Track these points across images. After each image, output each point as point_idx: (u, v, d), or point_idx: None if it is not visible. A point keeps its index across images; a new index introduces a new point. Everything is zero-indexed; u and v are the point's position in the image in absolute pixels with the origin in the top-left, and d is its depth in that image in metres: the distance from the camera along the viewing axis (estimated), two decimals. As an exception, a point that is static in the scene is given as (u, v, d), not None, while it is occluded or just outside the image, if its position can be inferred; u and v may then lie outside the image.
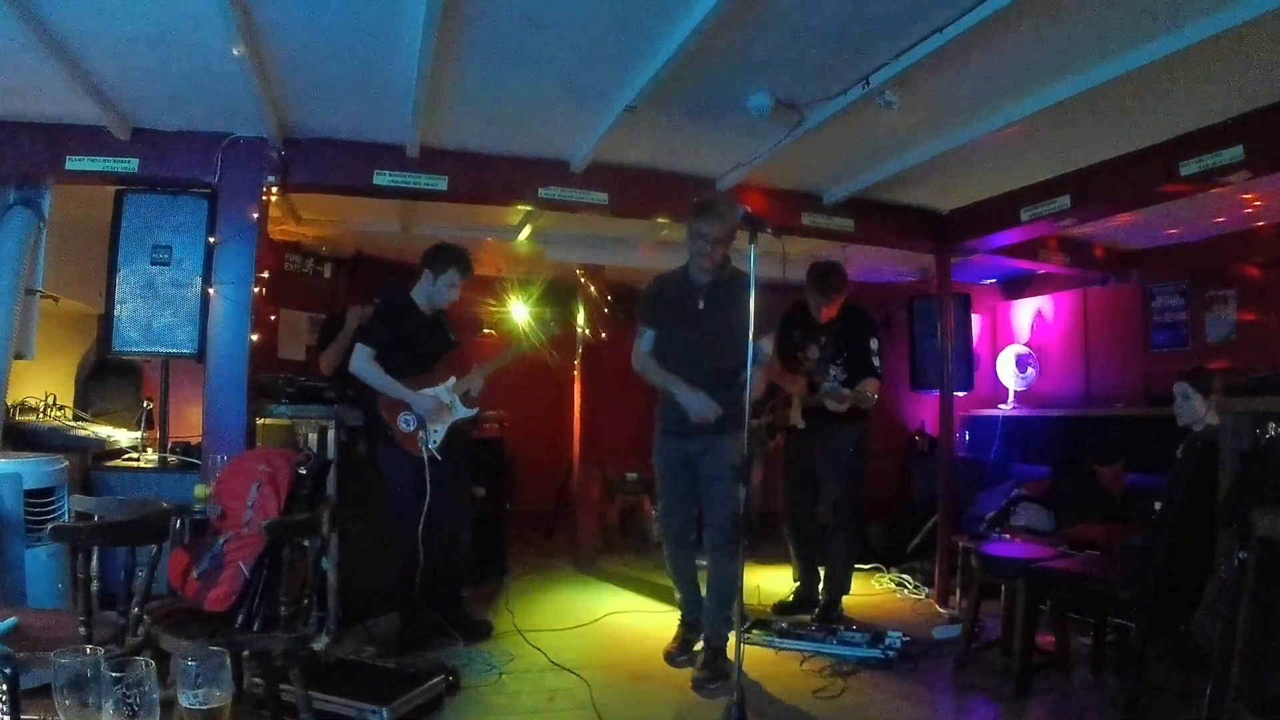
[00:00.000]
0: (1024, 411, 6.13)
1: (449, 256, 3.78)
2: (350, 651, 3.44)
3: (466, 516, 4.02)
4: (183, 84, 3.19)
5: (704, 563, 3.51)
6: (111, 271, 3.60)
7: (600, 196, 4.11)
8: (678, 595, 3.68)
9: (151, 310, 3.60)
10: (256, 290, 3.68)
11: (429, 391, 3.69)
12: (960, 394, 5.57)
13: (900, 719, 3.12)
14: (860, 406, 4.18)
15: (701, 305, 3.39)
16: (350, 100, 3.38)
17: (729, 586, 3.25)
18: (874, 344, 4.30)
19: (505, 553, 5.26)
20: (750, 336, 2.72)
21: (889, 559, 5.36)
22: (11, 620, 2.08)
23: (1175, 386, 3.31)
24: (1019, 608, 3.27)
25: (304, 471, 2.69)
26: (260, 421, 3.78)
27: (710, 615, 3.42)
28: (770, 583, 4.87)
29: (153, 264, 3.61)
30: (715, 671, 3.24)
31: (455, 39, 2.75)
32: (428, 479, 3.61)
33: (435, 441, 3.68)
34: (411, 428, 3.65)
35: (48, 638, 2.07)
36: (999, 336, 6.83)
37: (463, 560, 4.02)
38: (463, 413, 3.80)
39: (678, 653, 3.55)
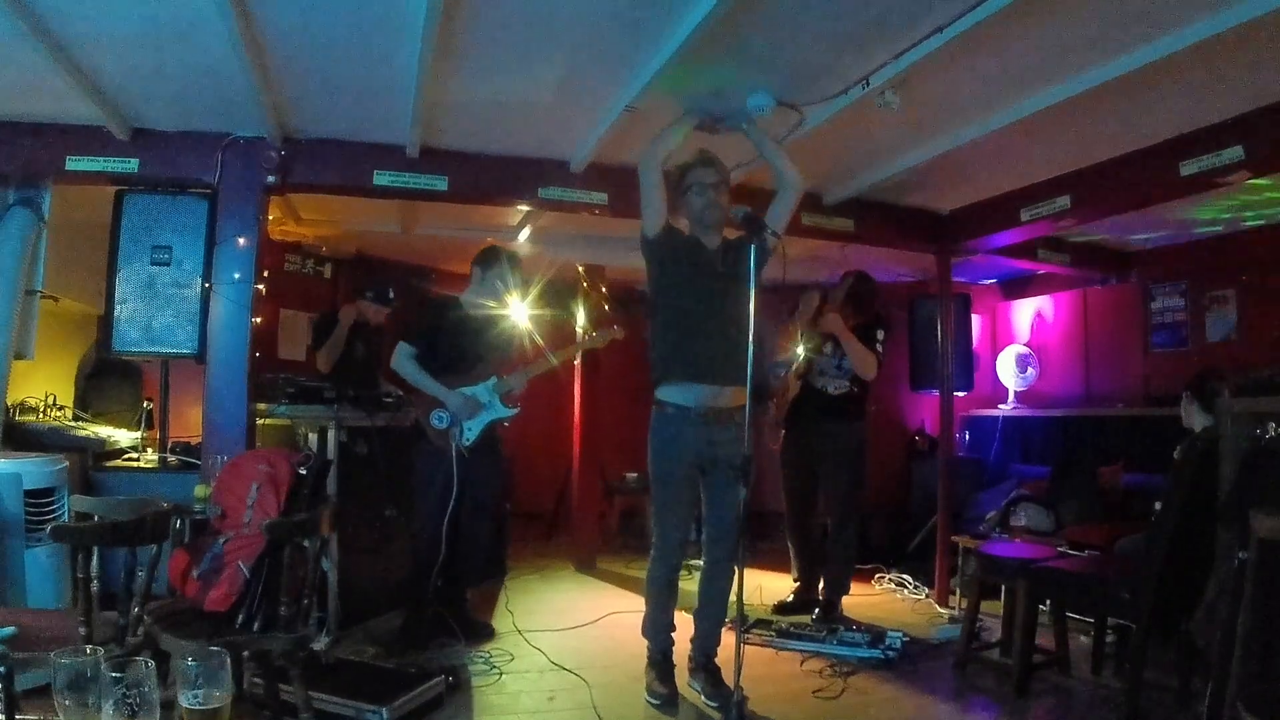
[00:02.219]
0: (1024, 411, 6.12)
1: (499, 258, 3.90)
2: (350, 651, 3.44)
3: (489, 517, 4.03)
4: (183, 84, 3.19)
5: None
6: (111, 271, 3.60)
7: (600, 196, 4.11)
8: (652, 623, 3.25)
9: (151, 310, 3.60)
10: (256, 290, 3.68)
11: (464, 390, 3.73)
12: (960, 394, 5.57)
13: (900, 719, 3.12)
14: (854, 371, 4.27)
15: (722, 268, 3.09)
16: (350, 100, 3.38)
17: (726, 599, 3.18)
18: (879, 333, 4.38)
19: (505, 553, 5.26)
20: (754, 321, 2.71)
21: (889, 559, 5.36)
22: (10, 629, 2.08)
23: (1184, 394, 3.34)
24: (1019, 608, 3.27)
25: (304, 471, 2.69)
26: (260, 421, 3.78)
27: (709, 629, 3.24)
28: (770, 583, 4.87)
29: (153, 264, 3.61)
30: (713, 681, 3.16)
31: (455, 39, 2.75)
32: (455, 476, 3.64)
33: (468, 440, 3.72)
34: (444, 425, 3.69)
35: (48, 638, 2.07)
36: (999, 336, 6.82)
37: (477, 562, 4.04)
38: (502, 412, 3.84)
39: (664, 685, 3.15)
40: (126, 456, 3.99)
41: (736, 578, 2.79)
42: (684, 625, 3.31)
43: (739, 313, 2.90)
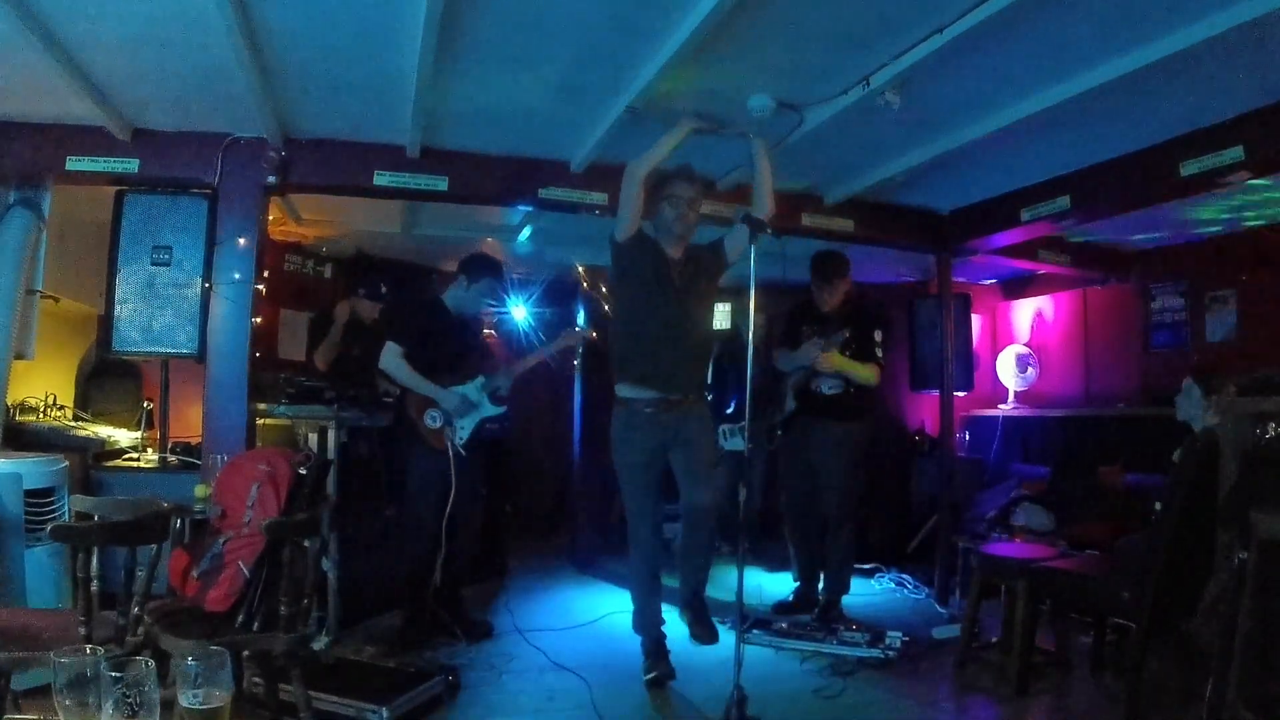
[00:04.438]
0: (1024, 411, 6.12)
1: (488, 271, 3.91)
2: (350, 651, 3.44)
3: (479, 515, 4.06)
4: (183, 84, 3.19)
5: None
6: (111, 271, 3.60)
7: (600, 197, 4.10)
8: (641, 617, 3.35)
9: (152, 310, 3.60)
10: (256, 290, 3.68)
11: (457, 389, 3.74)
12: (960, 394, 5.57)
13: (900, 719, 3.12)
14: (854, 381, 4.22)
15: (679, 282, 3.29)
16: (350, 100, 3.38)
17: (709, 553, 3.36)
18: (878, 335, 4.35)
19: (505, 553, 5.26)
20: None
21: (889, 559, 5.36)
22: None
23: (1185, 381, 3.31)
24: (1019, 608, 3.27)
25: (304, 471, 2.69)
26: (260, 421, 3.79)
27: (694, 568, 3.36)
28: (770, 583, 4.87)
29: (153, 264, 3.62)
30: (699, 618, 3.29)
31: (455, 39, 2.75)
32: (453, 475, 3.66)
33: (462, 438, 3.75)
34: (438, 424, 3.71)
35: (48, 638, 2.07)
36: (999, 336, 6.82)
37: (469, 560, 4.04)
38: (490, 410, 3.88)
39: (660, 664, 3.27)
40: (126, 456, 3.99)
41: (737, 577, 2.80)
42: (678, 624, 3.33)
43: (693, 325, 3.29)
